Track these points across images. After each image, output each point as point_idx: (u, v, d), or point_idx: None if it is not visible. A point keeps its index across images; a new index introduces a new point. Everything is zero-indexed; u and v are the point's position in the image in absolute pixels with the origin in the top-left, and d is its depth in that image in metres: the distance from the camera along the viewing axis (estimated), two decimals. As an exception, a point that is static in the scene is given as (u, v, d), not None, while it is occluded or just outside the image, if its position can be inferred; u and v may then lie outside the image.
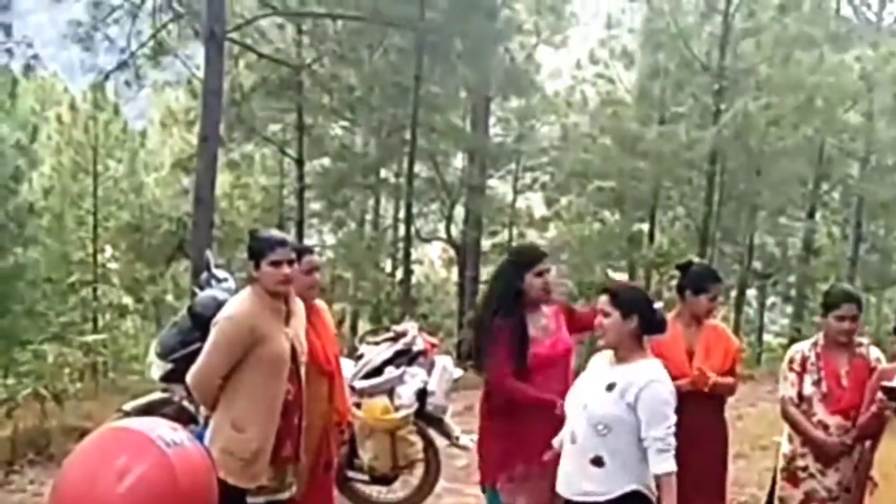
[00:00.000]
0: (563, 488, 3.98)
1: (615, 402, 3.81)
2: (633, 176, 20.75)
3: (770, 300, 26.36)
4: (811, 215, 23.03)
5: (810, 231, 23.09)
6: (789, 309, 25.20)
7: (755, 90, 19.22)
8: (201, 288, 5.82)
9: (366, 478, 6.31)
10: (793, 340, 22.31)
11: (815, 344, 4.98)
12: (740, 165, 20.77)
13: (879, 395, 4.45)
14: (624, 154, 20.32)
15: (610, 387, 3.85)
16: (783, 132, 19.55)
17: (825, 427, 4.82)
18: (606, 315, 3.94)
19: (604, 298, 3.98)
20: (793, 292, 24.94)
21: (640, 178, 20.82)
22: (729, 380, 4.88)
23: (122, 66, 15.77)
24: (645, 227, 22.52)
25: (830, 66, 19.25)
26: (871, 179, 22.16)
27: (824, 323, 4.97)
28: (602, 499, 3.84)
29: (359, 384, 6.03)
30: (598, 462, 3.84)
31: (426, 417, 6.01)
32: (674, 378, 4.02)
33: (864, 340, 4.93)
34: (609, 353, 4.02)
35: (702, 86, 20.29)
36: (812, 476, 4.87)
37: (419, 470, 6.34)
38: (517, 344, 4.56)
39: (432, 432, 6.20)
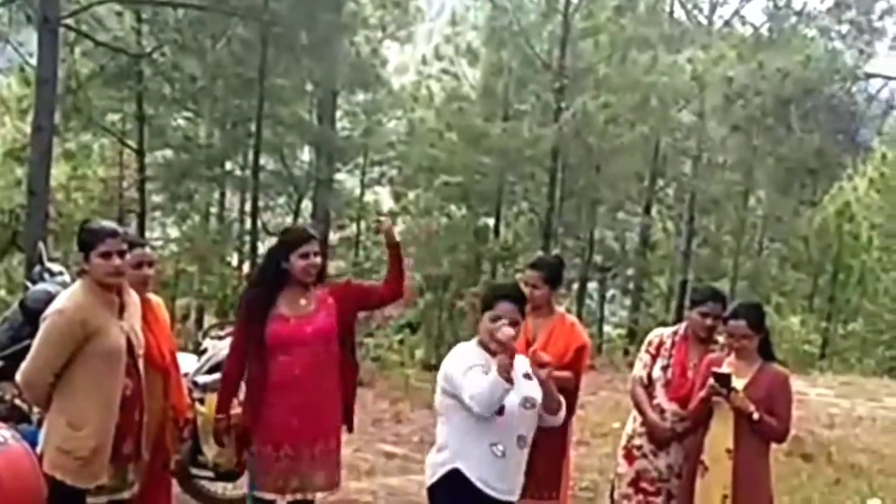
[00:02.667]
0: None
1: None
2: (478, 171, 21.09)
3: (610, 292, 27.18)
4: (647, 211, 23.94)
5: (646, 226, 24.02)
6: (628, 301, 26.07)
7: (594, 89, 19.80)
8: (34, 282, 5.62)
9: (210, 474, 6.16)
10: (631, 331, 23.25)
11: (675, 332, 5.13)
12: (581, 162, 21.37)
13: (710, 380, 4.63)
14: (469, 149, 20.60)
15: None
16: (621, 130, 20.20)
17: (662, 411, 4.98)
18: None
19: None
20: (631, 285, 25.84)
21: (486, 173, 21.18)
22: (565, 373, 4.76)
23: (-50, 50, 15.05)
24: (491, 221, 22.89)
25: (664, 66, 20.03)
26: (703, 176, 23.20)
27: (688, 316, 5.17)
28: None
29: (202, 379, 5.85)
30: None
31: None
32: None
33: (721, 339, 5.03)
34: None
35: (543, 84, 20.76)
36: (645, 456, 5.04)
37: None
38: (254, 321, 4.67)
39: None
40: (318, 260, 4.71)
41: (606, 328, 26.04)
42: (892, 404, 13.28)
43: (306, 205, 22.54)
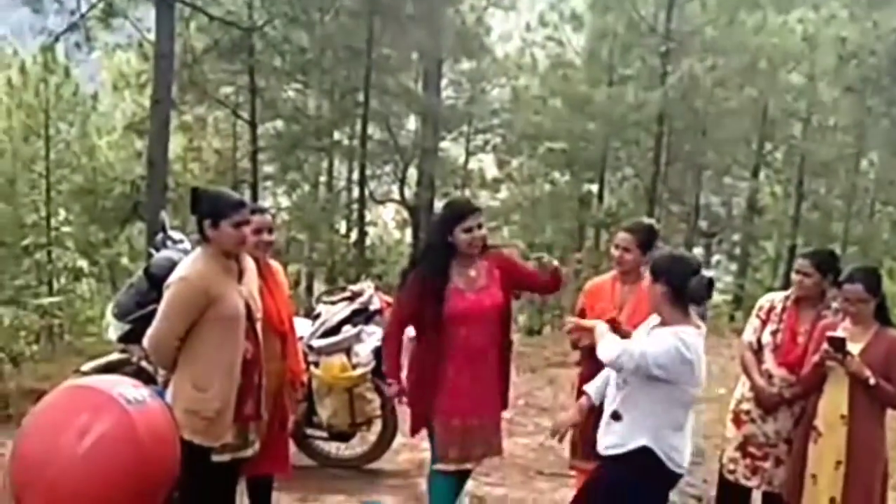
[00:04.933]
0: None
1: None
2: (582, 137, 20.96)
3: (715, 258, 26.74)
4: (755, 175, 23.41)
5: (754, 190, 23.49)
6: (734, 267, 25.59)
7: (701, 52, 19.47)
8: (157, 249, 5.83)
9: (324, 434, 6.39)
10: (736, 297, 22.86)
11: (786, 297, 5.10)
12: (687, 126, 21.04)
13: (824, 345, 4.60)
14: (573, 116, 20.49)
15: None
16: (728, 93, 19.84)
17: (770, 377, 4.97)
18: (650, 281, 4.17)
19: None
20: (737, 250, 25.38)
21: (590, 139, 21.04)
22: None
23: (72, 28, 15.56)
24: (594, 187, 22.74)
25: (773, 27, 19.53)
26: (813, 139, 22.55)
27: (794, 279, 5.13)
28: (616, 451, 4.10)
29: (316, 343, 6.06)
30: (616, 416, 4.14)
31: (383, 375, 5.87)
32: None
33: (835, 304, 4.94)
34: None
35: (649, 48, 20.47)
36: (753, 421, 5.03)
37: (377, 426, 6.41)
38: (431, 294, 4.73)
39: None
40: (482, 232, 4.80)
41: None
42: None
43: (412, 173, 22.76)
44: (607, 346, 4.11)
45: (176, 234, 5.96)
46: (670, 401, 4.00)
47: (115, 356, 6.16)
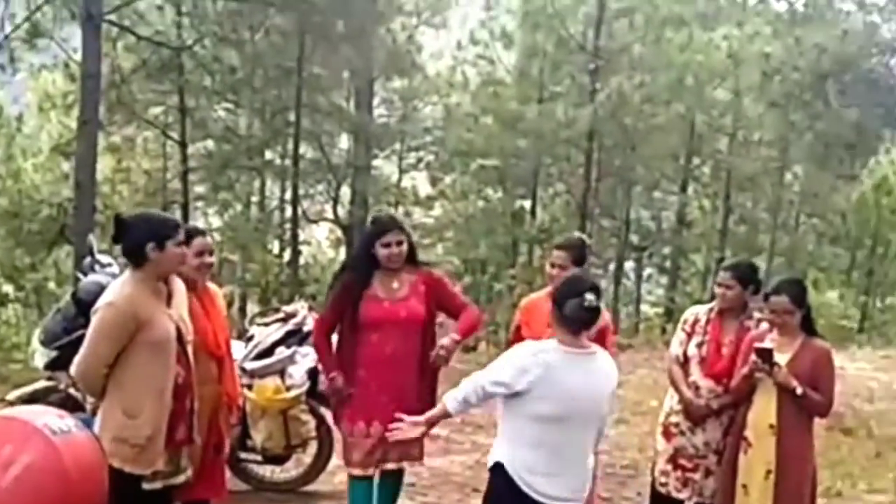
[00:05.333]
0: None
1: None
2: (514, 154, 21.12)
3: (647, 271, 27.10)
4: (683, 189, 23.85)
5: (683, 204, 23.92)
6: (664, 280, 25.98)
7: (629, 69, 19.78)
8: (84, 273, 5.70)
9: (259, 458, 6.30)
10: (667, 310, 23.20)
11: (710, 310, 5.16)
12: (616, 142, 21.33)
13: (752, 357, 4.66)
14: (505, 133, 20.64)
15: None
16: (656, 109, 20.17)
17: (697, 388, 5.02)
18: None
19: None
20: (667, 263, 25.76)
21: (522, 156, 21.21)
22: None
23: (-5, 49, 15.32)
24: (527, 203, 22.93)
25: (699, 44, 19.94)
26: (739, 154, 23.06)
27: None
28: (489, 466, 4.04)
29: (250, 365, 5.98)
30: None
31: (318, 396, 6.00)
32: None
33: (757, 315, 5.03)
34: None
35: (578, 65, 20.73)
36: (682, 433, 5.07)
37: (312, 448, 6.37)
38: (350, 299, 4.96)
39: (324, 411, 6.11)
40: (399, 249, 4.94)
41: (643, 307, 26.00)
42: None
43: (345, 191, 22.69)
44: (453, 394, 4.04)
45: (104, 258, 5.82)
46: (522, 416, 3.85)
47: (41, 384, 5.99)
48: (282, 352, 6.09)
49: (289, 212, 21.70)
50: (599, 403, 3.88)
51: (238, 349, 5.97)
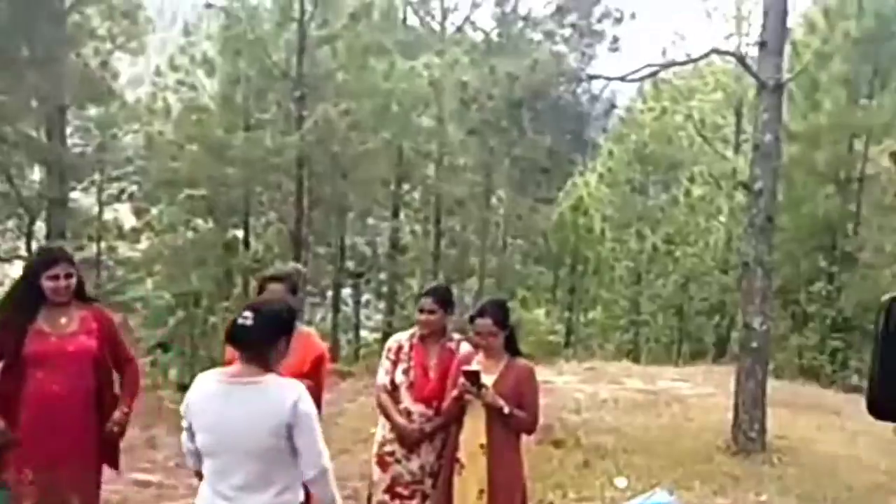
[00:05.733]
0: None
1: None
2: (223, 183, 20.58)
3: (364, 297, 27.39)
4: (395, 215, 24.29)
5: (395, 230, 24.36)
6: (382, 305, 26.32)
7: (334, 96, 19.87)
8: None
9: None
10: (385, 335, 23.46)
11: (412, 335, 5.24)
12: (326, 170, 21.30)
13: (461, 379, 4.76)
14: (212, 161, 20.07)
15: None
16: (364, 136, 20.34)
17: (409, 414, 5.07)
18: None
19: None
20: (384, 289, 26.14)
21: (231, 184, 20.71)
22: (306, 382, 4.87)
23: None
24: (240, 233, 22.43)
25: (402, 72, 20.41)
26: (446, 179, 23.79)
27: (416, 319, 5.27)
28: None
29: None
30: None
31: None
32: None
33: (457, 336, 5.22)
34: None
35: (284, 92, 20.55)
36: (398, 461, 5.10)
37: None
38: (11, 332, 4.62)
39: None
40: (66, 282, 4.65)
41: (363, 333, 26.18)
42: (632, 385, 14.14)
43: (40, 226, 21.12)
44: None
45: None
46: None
47: None
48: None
49: (-24, 251, 19.92)
50: (259, 436, 3.51)
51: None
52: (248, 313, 3.56)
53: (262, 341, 3.56)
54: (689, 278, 25.21)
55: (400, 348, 5.23)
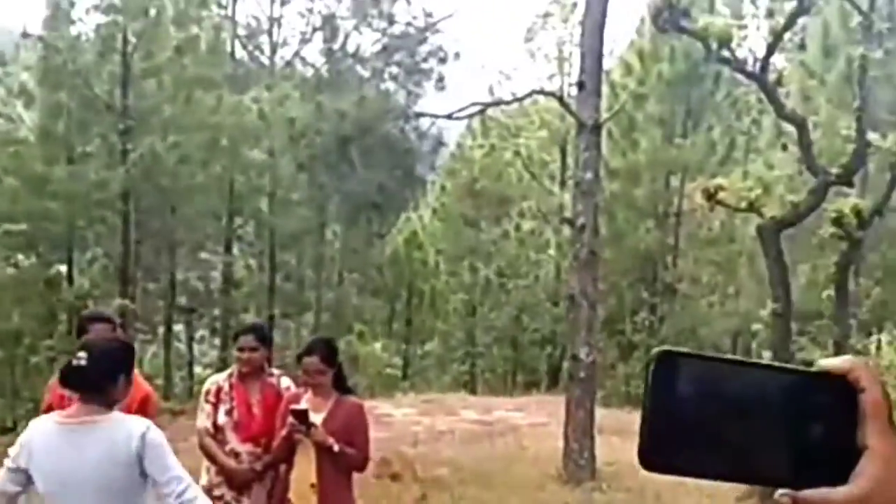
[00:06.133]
0: None
1: None
2: (44, 217, 19.76)
3: (198, 333, 26.78)
4: (228, 249, 23.89)
5: (228, 264, 23.95)
6: (217, 341, 25.79)
7: (161, 130, 19.45)
8: None
9: None
10: (220, 371, 22.89)
11: (230, 375, 5.14)
12: (154, 204, 20.80)
13: (290, 419, 4.69)
14: (32, 195, 19.26)
15: None
16: (193, 170, 20.00)
17: (237, 455, 4.99)
18: None
19: None
20: (218, 324, 25.61)
21: (53, 219, 19.92)
22: None
23: None
24: (63, 268, 21.54)
25: (230, 106, 20.19)
26: (279, 213, 23.60)
27: (235, 355, 5.19)
28: None
29: None
30: None
31: None
32: None
33: (276, 371, 5.17)
34: None
35: (108, 125, 19.97)
36: None
37: None
38: None
39: None
40: None
41: (197, 369, 25.54)
42: (468, 416, 14.34)
43: None
44: None
45: None
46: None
47: None
48: None
49: None
50: (110, 475, 3.43)
51: None
52: (81, 353, 3.43)
53: (99, 381, 3.44)
54: (522, 310, 25.78)
55: (219, 389, 5.13)
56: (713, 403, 0.69)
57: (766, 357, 19.04)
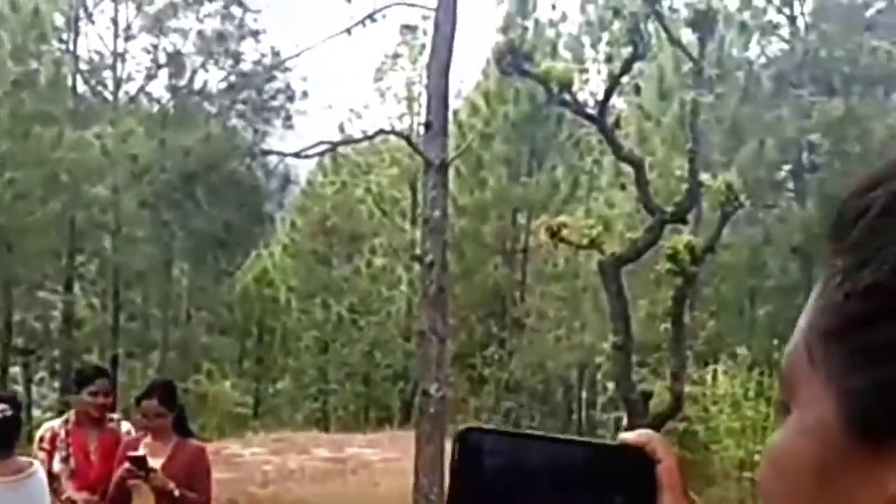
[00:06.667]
0: None
1: None
2: None
3: (38, 375, 25.74)
4: (69, 288, 23.07)
5: (69, 303, 23.11)
6: (57, 383, 24.83)
7: (-3, 165, 18.73)
8: None
9: None
10: (62, 412, 22.00)
11: (66, 421, 5.01)
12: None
13: (126, 464, 4.62)
14: None
15: None
16: (31, 207, 19.30)
17: (73, 503, 4.86)
18: None
19: None
20: (58, 366, 24.67)
21: None
22: None
23: None
24: None
25: (71, 141, 19.60)
26: (123, 250, 22.94)
27: (77, 399, 5.05)
28: None
29: None
30: None
31: None
32: None
33: (116, 416, 5.09)
34: None
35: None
36: None
37: None
38: None
39: None
40: None
41: (36, 412, 24.45)
42: (321, 454, 14.27)
43: None
44: None
45: None
46: None
47: None
48: None
49: None
50: None
51: None
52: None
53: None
54: (374, 346, 25.83)
55: (55, 436, 5.01)
56: (517, 479, 0.69)
57: (610, 388, 19.73)
